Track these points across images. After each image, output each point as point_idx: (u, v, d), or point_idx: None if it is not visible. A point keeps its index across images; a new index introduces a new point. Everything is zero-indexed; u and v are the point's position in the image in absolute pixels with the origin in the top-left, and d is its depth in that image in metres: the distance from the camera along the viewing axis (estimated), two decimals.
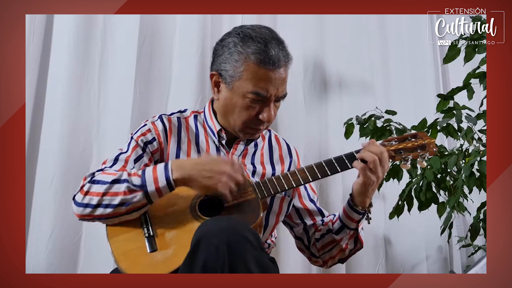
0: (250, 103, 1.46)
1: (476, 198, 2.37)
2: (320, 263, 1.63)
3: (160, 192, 1.37)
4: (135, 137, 1.52)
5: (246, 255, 1.18)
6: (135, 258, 1.34)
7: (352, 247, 1.57)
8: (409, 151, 1.51)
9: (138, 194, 1.36)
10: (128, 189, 1.36)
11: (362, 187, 1.45)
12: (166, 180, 1.36)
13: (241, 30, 1.48)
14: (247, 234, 1.20)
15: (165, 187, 1.36)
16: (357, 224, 1.51)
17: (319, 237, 1.58)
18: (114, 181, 1.37)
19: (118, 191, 1.36)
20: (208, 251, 1.17)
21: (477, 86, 2.18)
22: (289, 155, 1.66)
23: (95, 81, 2.42)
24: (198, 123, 1.60)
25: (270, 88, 1.45)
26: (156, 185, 1.36)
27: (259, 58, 1.42)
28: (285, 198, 1.59)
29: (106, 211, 1.37)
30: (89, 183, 1.40)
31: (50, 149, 2.30)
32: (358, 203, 1.48)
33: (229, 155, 1.56)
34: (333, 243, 1.55)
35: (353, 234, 1.54)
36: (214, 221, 1.25)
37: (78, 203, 1.39)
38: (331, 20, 2.83)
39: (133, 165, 1.47)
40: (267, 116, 1.48)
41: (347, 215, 1.51)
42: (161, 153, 1.53)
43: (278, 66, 1.44)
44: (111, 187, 1.36)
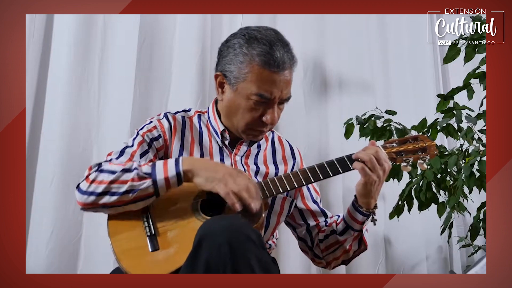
0: (254, 105, 1.46)
1: (476, 198, 2.37)
2: (323, 264, 1.62)
3: (168, 182, 1.36)
4: (141, 133, 1.52)
5: (248, 254, 1.18)
6: (137, 257, 1.34)
7: (356, 248, 1.57)
8: (410, 154, 1.51)
9: (146, 181, 1.35)
10: (138, 175, 1.35)
11: (364, 187, 1.45)
12: (175, 171, 1.36)
13: (247, 31, 1.48)
14: (249, 233, 1.20)
15: (174, 177, 1.36)
16: (361, 226, 1.51)
17: (323, 238, 1.58)
18: (124, 170, 1.36)
19: (127, 179, 1.35)
20: (211, 250, 1.17)
21: (477, 86, 2.19)
22: (293, 157, 1.66)
23: (95, 81, 2.42)
24: (201, 123, 1.60)
25: (274, 91, 1.44)
26: (165, 174, 1.35)
27: (264, 60, 1.42)
28: (287, 198, 1.58)
29: (111, 199, 1.36)
30: (96, 172, 1.39)
31: (50, 149, 2.30)
32: (362, 204, 1.48)
33: (231, 155, 1.56)
34: (337, 244, 1.55)
35: (357, 236, 1.53)
36: (216, 220, 1.25)
37: (83, 191, 1.38)
38: (331, 20, 2.83)
39: (139, 159, 1.47)
40: (271, 119, 1.48)
41: (351, 216, 1.51)
42: (165, 151, 1.53)
43: (283, 69, 1.43)
44: (121, 176, 1.35)
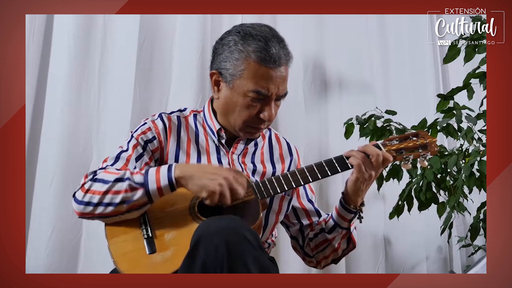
0: (251, 102, 1.46)
1: (476, 198, 2.37)
2: (314, 263, 1.63)
3: (161, 191, 1.36)
4: (135, 135, 1.51)
5: (245, 255, 1.18)
6: (134, 259, 1.34)
7: (345, 247, 1.57)
8: (411, 151, 1.50)
9: (139, 192, 1.35)
10: (130, 187, 1.35)
11: (355, 184, 1.45)
12: (168, 180, 1.35)
13: (241, 28, 1.47)
14: (246, 233, 1.20)
15: (167, 186, 1.36)
16: (349, 223, 1.52)
17: (313, 237, 1.58)
18: (117, 179, 1.36)
19: (120, 189, 1.35)
20: (208, 251, 1.17)
21: (477, 86, 2.18)
22: (290, 154, 1.66)
23: (95, 81, 2.42)
24: (197, 123, 1.59)
25: (271, 87, 1.44)
26: (158, 184, 1.35)
27: (259, 56, 1.42)
28: (285, 197, 1.58)
29: (107, 210, 1.36)
30: (91, 181, 1.39)
31: (50, 149, 2.30)
32: (350, 201, 1.49)
33: (228, 154, 1.56)
34: (326, 242, 1.56)
35: (346, 234, 1.54)
36: (213, 220, 1.24)
37: (79, 201, 1.38)
38: (331, 20, 2.83)
39: (135, 164, 1.47)
40: (268, 115, 1.47)
41: (339, 214, 1.51)
42: (161, 152, 1.52)
43: (279, 65, 1.43)
44: (114, 186, 1.36)
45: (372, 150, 1.44)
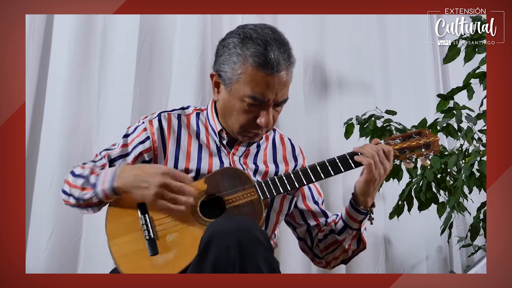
0: (248, 107, 1.42)
1: (476, 198, 2.37)
2: (323, 264, 1.61)
3: (105, 195, 1.39)
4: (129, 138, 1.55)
5: (257, 255, 1.18)
6: (136, 261, 1.33)
7: (355, 247, 1.56)
8: (414, 150, 1.49)
9: (89, 192, 1.40)
10: (82, 185, 1.41)
11: (364, 185, 1.44)
12: (110, 187, 1.38)
13: (243, 30, 1.43)
14: (258, 234, 1.19)
15: (110, 191, 1.38)
16: (359, 224, 1.50)
17: (322, 238, 1.57)
18: (78, 176, 1.44)
19: (77, 186, 1.42)
20: (219, 251, 1.16)
21: (477, 86, 2.18)
22: (294, 159, 1.63)
23: (95, 81, 2.42)
24: (200, 122, 1.57)
25: (268, 93, 1.40)
26: (103, 186, 1.39)
27: (257, 61, 1.37)
28: (286, 196, 1.56)
29: (73, 201, 1.44)
30: (70, 172, 1.48)
31: (50, 149, 2.30)
32: (360, 202, 1.47)
33: (229, 155, 1.54)
34: (336, 243, 1.54)
35: (356, 235, 1.53)
36: (225, 220, 1.24)
37: (61, 188, 1.48)
38: (331, 20, 2.83)
39: (116, 162, 1.51)
40: (265, 121, 1.43)
41: (350, 215, 1.50)
42: (154, 152, 1.51)
43: (277, 71, 1.38)
44: (75, 181, 1.43)
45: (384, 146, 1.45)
